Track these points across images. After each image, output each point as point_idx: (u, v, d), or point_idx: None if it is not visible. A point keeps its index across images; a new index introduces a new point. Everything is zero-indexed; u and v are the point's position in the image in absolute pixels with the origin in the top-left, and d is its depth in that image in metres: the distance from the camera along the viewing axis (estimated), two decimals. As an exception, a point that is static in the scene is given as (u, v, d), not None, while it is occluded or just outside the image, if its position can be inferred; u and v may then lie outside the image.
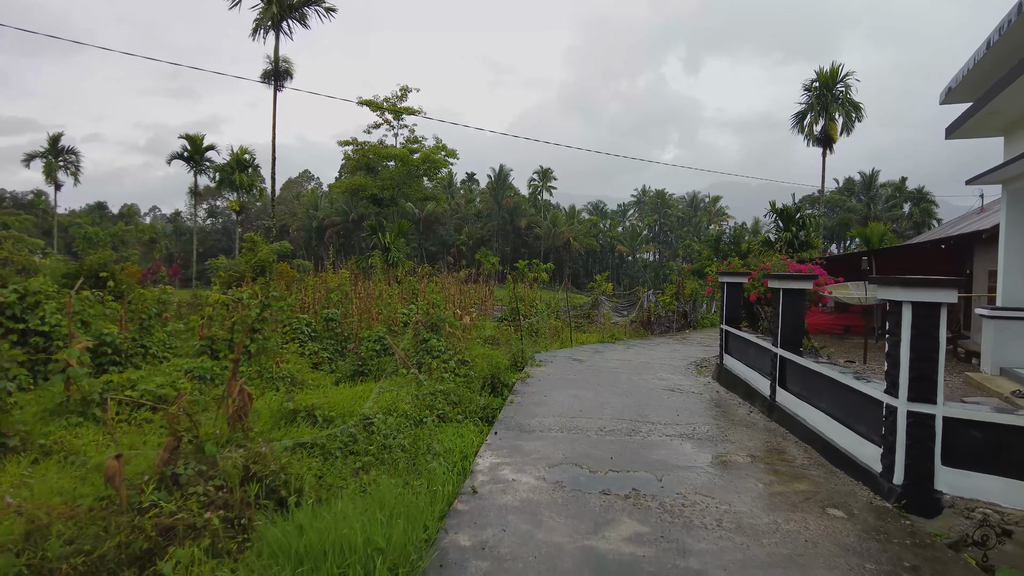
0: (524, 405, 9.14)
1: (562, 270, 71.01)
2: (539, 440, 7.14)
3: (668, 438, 7.43)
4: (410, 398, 8.92)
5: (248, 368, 9.22)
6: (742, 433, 7.86)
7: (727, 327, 12.03)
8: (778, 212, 31.42)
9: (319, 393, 9.21)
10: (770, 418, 8.77)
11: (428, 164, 36.97)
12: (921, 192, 68.33)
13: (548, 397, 9.74)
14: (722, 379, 11.80)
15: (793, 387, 8.37)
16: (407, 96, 39.21)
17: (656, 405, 9.38)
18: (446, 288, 17.11)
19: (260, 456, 4.97)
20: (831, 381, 6.96)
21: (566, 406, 9.11)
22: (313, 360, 12.96)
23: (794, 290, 8.74)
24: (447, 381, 10.21)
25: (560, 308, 24.00)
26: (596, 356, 15.41)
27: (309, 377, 10.56)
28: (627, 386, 11.02)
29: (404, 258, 31.81)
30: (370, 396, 8.82)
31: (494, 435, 7.36)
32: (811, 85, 35.90)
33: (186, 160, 49.61)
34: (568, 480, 5.72)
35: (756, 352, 10.13)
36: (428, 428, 8.06)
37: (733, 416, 8.90)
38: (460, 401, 9.39)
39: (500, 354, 14.26)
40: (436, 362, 10.79)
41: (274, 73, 30.60)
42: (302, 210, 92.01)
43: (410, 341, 11.97)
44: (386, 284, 20.68)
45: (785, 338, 8.72)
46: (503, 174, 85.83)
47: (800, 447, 7.23)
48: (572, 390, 10.45)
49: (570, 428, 7.74)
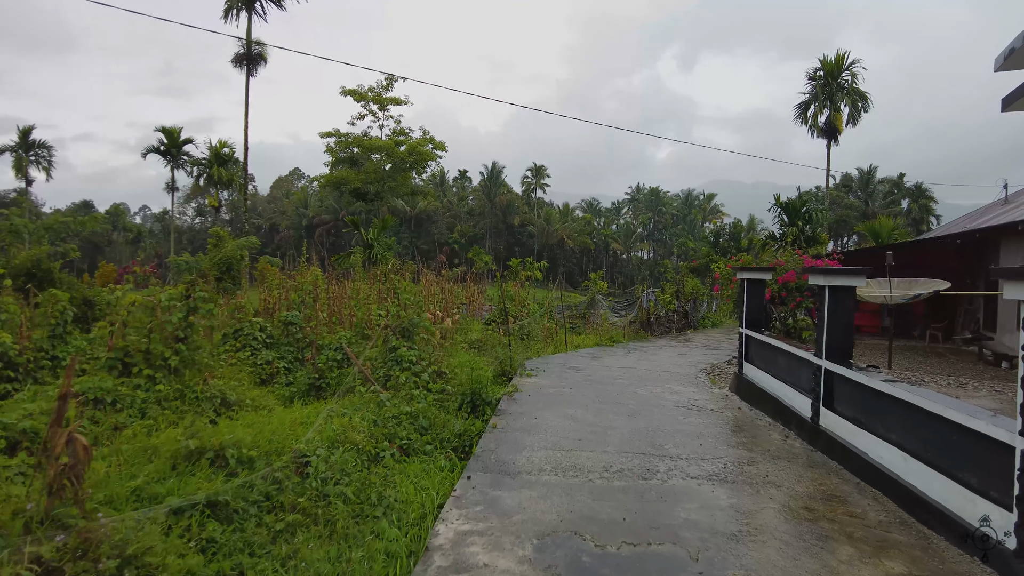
0: (509, 431, 7.38)
1: (556, 268, 69.36)
2: (525, 488, 5.38)
3: (694, 481, 5.70)
4: (367, 424, 7.16)
5: (165, 387, 7.42)
6: (785, 470, 6.14)
7: (748, 331, 10.33)
8: (783, 206, 29.80)
9: (252, 419, 7.42)
10: (813, 446, 7.06)
11: (415, 156, 35.11)
12: (920, 188, 67.02)
13: (539, 419, 7.98)
14: (742, 392, 10.10)
15: (846, 409, 6.66)
16: (393, 86, 37.41)
17: (671, 430, 7.64)
18: (426, 287, 15.29)
19: (89, 544, 3.20)
20: (912, 408, 5.24)
21: (561, 432, 7.35)
22: (267, 371, 11.18)
23: (843, 288, 7.03)
24: (418, 399, 8.46)
25: (554, 308, 22.27)
26: (594, 363, 13.68)
27: (251, 395, 8.77)
28: (633, 402, 9.29)
29: (390, 255, 29.99)
30: (316, 422, 7.04)
31: (466, 480, 5.59)
32: (815, 74, 34.24)
33: (162, 154, 47.36)
34: (565, 564, 3.96)
35: (789, 363, 8.42)
36: (385, 467, 6.32)
37: (767, 444, 7.18)
38: (432, 425, 7.64)
39: (485, 362, 12.52)
40: (405, 375, 9.02)
41: (247, 57, 28.66)
42: (292, 208, 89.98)
43: (378, 350, 10.21)
44: (368, 283, 18.90)
45: (832, 347, 7.02)
46: (496, 171, 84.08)
47: (866, 493, 5.52)
48: (568, 408, 8.70)
49: (566, 468, 5.99)
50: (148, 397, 7.29)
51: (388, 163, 35.66)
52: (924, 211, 65.57)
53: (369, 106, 37.37)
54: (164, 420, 7.10)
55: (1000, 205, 20.61)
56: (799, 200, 29.14)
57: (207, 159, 46.35)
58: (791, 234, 27.81)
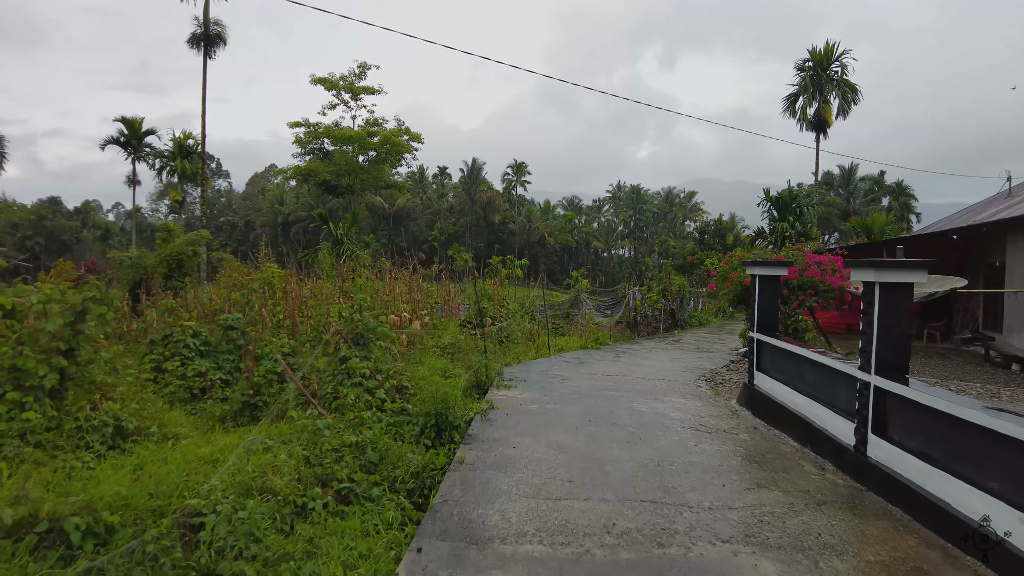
0: (480, 468, 5.82)
1: (537, 266, 67.97)
2: (498, 570, 3.83)
3: (727, 547, 4.21)
4: (296, 461, 5.56)
5: (36, 416, 5.72)
6: (839, 523, 4.69)
7: (761, 336, 8.91)
8: (773, 200, 28.65)
9: (152, 454, 5.77)
10: (861, 483, 5.64)
11: (389, 147, 33.22)
12: (900, 186, 67.05)
13: (518, 449, 6.43)
14: (755, 406, 8.69)
15: (907, 439, 5.24)
16: (366, 74, 35.47)
17: (682, 462, 6.15)
18: (390, 285, 13.61)
19: None
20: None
21: (546, 469, 5.82)
22: (198, 385, 9.48)
23: (899, 285, 5.61)
24: (369, 423, 6.87)
25: (536, 308, 20.75)
26: (581, 370, 12.20)
27: (164, 419, 7.09)
28: (630, 421, 7.80)
29: (367, 253, 28.12)
30: (229, 460, 5.41)
31: (415, 555, 4.01)
32: (804, 64, 33.16)
33: (122, 146, 44.73)
34: None
35: (819, 376, 7.00)
36: (314, 523, 4.74)
37: (803, 481, 5.73)
38: (384, 459, 6.07)
39: (458, 371, 10.96)
40: (356, 392, 7.41)
41: (204, 37, 26.54)
42: (267, 205, 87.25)
43: (328, 361, 8.58)
44: (335, 281, 17.14)
45: (885, 360, 5.60)
46: (476, 167, 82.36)
47: (963, 566, 4.09)
48: (553, 432, 7.17)
49: (555, 528, 4.45)
50: (9, 430, 5.59)
51: (361, 154, 33.75)
52: (905, 208, 65.53)
53: (341, 95, 35.42)
54: (29, 460, 5.41)
55: (1003, 199, 19.64)
56: (789, 194, 28.01)
57: (171, 151, 43.86)
58: (781, 229, 26.69)
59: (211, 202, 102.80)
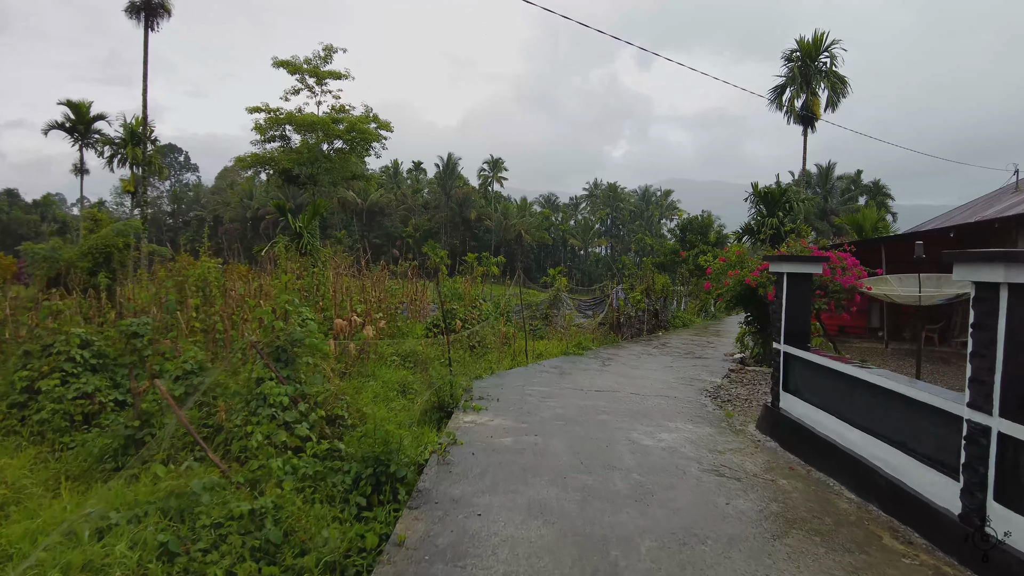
0: (425, 563, 3.92)
1: (513, 264, 66.19)
2: None
3: None
4: (153, 548, 3.62)
5: None
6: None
7: (790, 348, 7.18)
8: (760, 195, 27.30)
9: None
10: (974, 570, 3.93)
11: (355, 135, 30.97)
12: (877, 185, 67.03)
13: (484, 521, 4.55)
14: (782, 435, 6.97)
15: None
16: (332, 58, 33.12)
17: (717, 536, 4.35)
18: (335, 283, 11.55)
19: None
20: None
21: (523, 563, 3.94)
22: (84, 410, 7.42)
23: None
24: (278, 476, 4.93)
25: (512, 308, 18.90)
26: (564, 383, 10.39)
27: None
28: (634, 464, 5.98)
29: (333, 247, 25.89)
30: (31, 556, 3.46)
31: None
32: (792, 55, 31.84)
33: (68, 131, 41.48)
34: None
35: (890, 410, 5.27)
36: None
37: (893, 571, 3.99)
38: (288, 537, 4.16)
39: (417, 387, 9.08)
40: (266, 428, 5.45)
41: (145, 7, 23.99)
42: (236, 200, 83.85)
43: (242, 381, 6.58)
44: (291, 278, 14.94)
45: (1012, 393, 3.89)
46: (451, 163, 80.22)
47: None
48: (534, 486, 5.30)
49: None
50: None
51: (325, 142, 31.39)
52: (882, 208, 65.40)
53: (305, 80, 33.01)
54: None
55: (1011, 193, 18.42)
56: (778, 189, 26.67)
57: (121, 138, 40.82)
58: (770, 226, 25.28)
59: (179, 197, 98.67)
